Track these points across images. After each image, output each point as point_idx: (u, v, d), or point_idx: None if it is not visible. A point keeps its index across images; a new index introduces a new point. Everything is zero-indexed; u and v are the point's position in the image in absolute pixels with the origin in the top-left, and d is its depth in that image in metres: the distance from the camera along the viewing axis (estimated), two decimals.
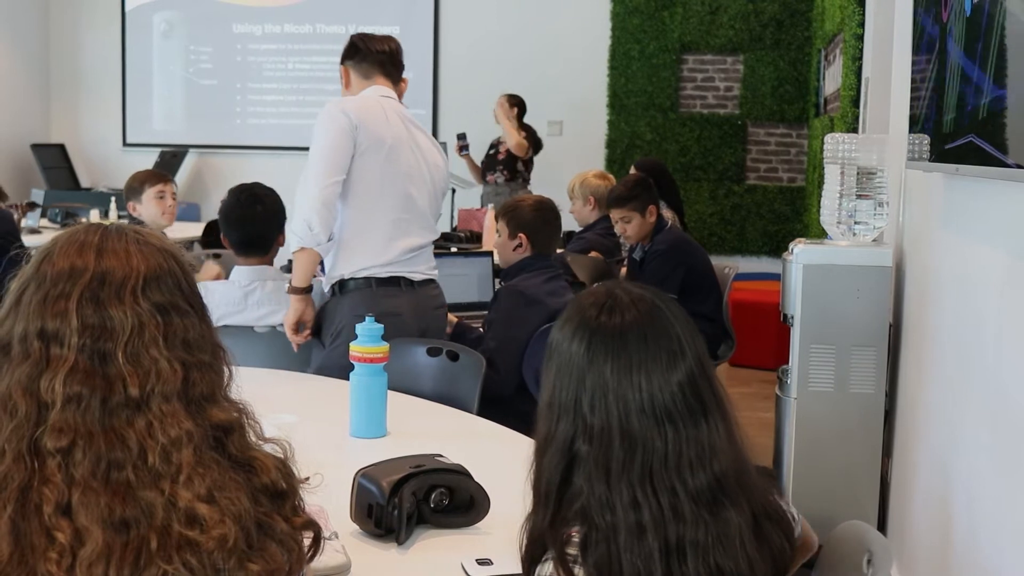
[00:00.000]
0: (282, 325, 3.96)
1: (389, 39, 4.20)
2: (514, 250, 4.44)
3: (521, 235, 4.41)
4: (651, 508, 1.61)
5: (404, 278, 3.97)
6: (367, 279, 3.92)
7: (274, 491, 1.49)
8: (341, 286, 3.94)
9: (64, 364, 1.42)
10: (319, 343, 3.95)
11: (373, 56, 4.11)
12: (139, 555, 1.37)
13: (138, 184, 5.44)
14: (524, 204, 4.52)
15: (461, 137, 8.69)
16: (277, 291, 4.06)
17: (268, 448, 1.53)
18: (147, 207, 5.39)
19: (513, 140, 8.41)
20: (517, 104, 8.73)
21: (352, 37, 4.18)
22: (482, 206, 8.03)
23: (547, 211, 4.53)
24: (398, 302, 3.92)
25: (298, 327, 3.90)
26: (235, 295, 4.05)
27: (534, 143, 8.66)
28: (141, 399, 1.43)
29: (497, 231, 4.48)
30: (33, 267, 1.49)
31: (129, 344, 1.45)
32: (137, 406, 1.43)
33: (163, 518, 1.39)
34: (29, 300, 1.46)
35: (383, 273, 3.93)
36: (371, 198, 3.91)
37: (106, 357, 1.44)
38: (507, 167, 8.61)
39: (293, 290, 3.88)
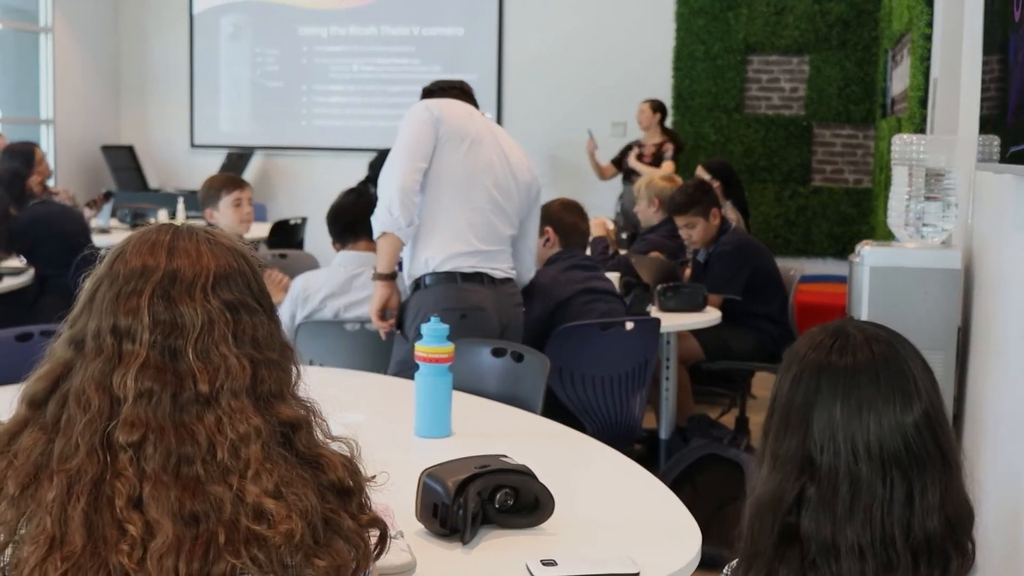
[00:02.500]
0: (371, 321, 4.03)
1: (460, 81, 4.36)
2: (544, 245, 4.64)
3: (547, 228, 4.63)
4: (875, 556, 1.54)
5: (487, 274, 4.00)
6: (452, 273, 3.95)
7: (340, 488, 1.50)
8: (425, 280, 3.97)
9: (136, 360, 1.45)
10: (402, 336, 3.97)
11: (446, 92, 4.22)
12: (208, 548, 1.39)
13: (214, 191, 5.31)
14: (551, 204, 4.78)
15: (589, 133, 8.97)
16: None
17: (335, 446, 1.55)
18: (224, 215, 5.25)
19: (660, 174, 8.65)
20: (659, 110, 8.86)
21: (424, 89, 4.30)
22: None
23: (570, 204, 4.85)
24: (482, 297, 3.95)
25: (383, 314, 3.96)
26: (340, 278, 4.21)
27: (678, 146, 8.81)
28: (211, 395, 1.46)
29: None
30: (106, 266, 1.52)
31: (199, 341, 1.47)
32: (207, 402, 1.46)
33: (231, 512, 1.41)
34: (102, 298, 1.49)
35: (467, 268, 3.96)
36: (455, 191, 3.96)
37: (177, 353, 1.46)
38: (657, 166, 8.73)
39: (377, 276, 3.95)
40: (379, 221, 3.91)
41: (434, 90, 4.22)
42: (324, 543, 1.45)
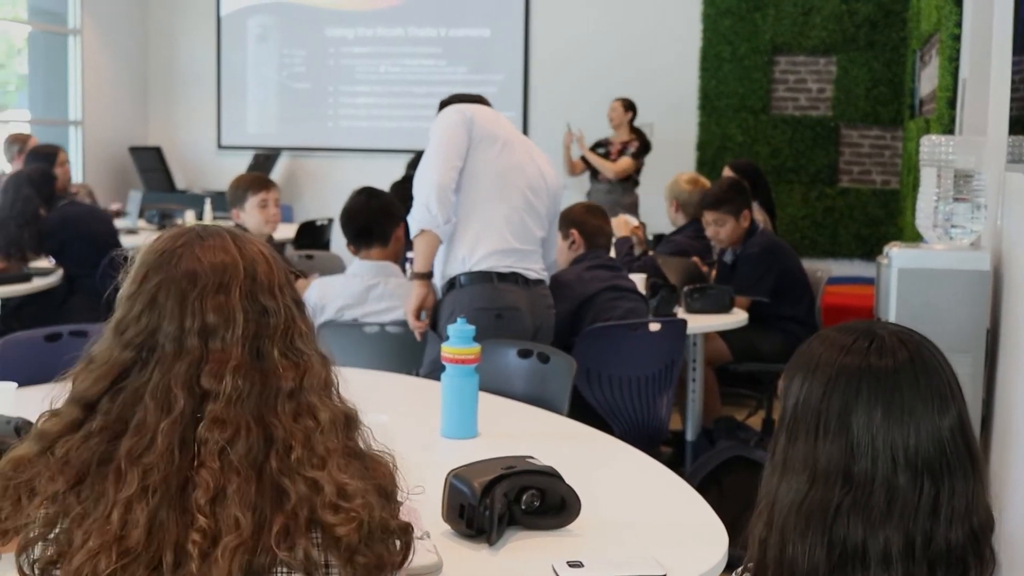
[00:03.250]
0: (391, 324, 4.03)
1: (478, 95, 4.38)
2: (570, 248, 4.67)
3: (573, 231, 4.65)
4: (902, 564, 1.51)
5: (522, 275, 4.01)
6: (488, 273, 3.96)
7: (385, 491, 1.53)
8: (460, 279, 3.98)
9: (227, 358, 1.48)
10: (436, 336, 3.98)
11: (464, 99, 4.24)
12: (271, 540, 1.41)
13: (241, 191, 5.26)
14: (574, 207, 4.82)
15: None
16: (400, 288, 4.16)
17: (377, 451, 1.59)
18: (250, 215, 5.20)
19: (614, 168, 8.59)
20: (631, 108, 8.86)
21: (441, 102, 4.31)
22: None
23: (593, 207, 4.89)
24: (517, 297, 3.97)
25: (419, 314, 3.97)
26: (356, 288, 4.18)
27: (644, 144, 8.79)
28: (293, 391, 1.50)
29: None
30: (165, 267, 1.52)
31: (282, 338, 1.52)
32: (289, 397, 1.49)
33: (300, 504, 1.44)
34: (178, 298, 1.50)
35: (503, 268, 3.97)
36: (490, 190, 3.98)
37: (262, 351, 1.50)
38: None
39: (415, 275, 3.97)
40: (416, 219, 3.92)
41: (453, 103, 4.23)
42: (368, 541, 1.47)
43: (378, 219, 4.32)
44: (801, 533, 1.54)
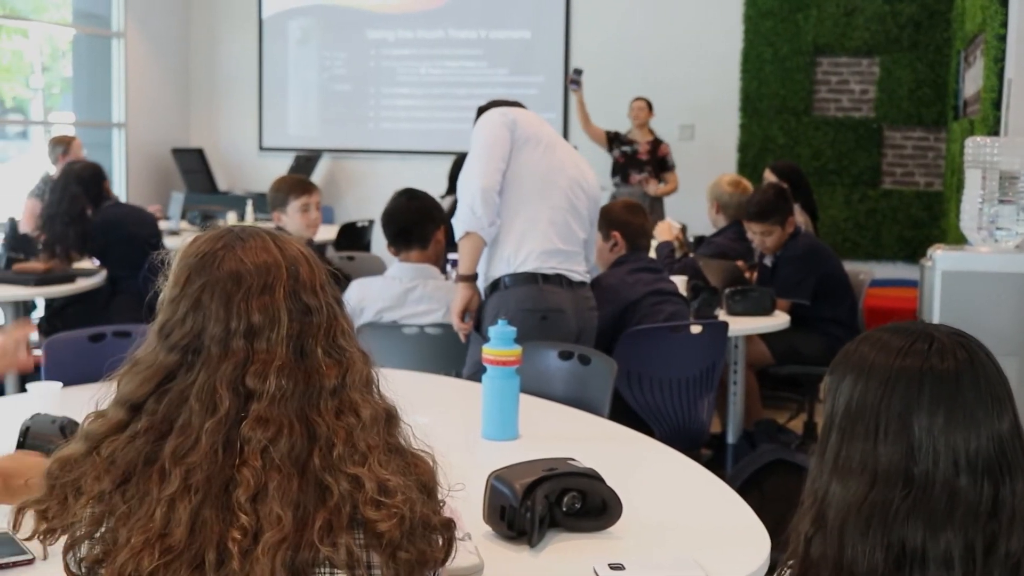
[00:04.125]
0: (431, 326, 4.03)
1: (515, 100, 4.35)
2: (611, 250, 4.64)
3: (614, 233, 4.62)
4: (962, 566, 1.49)
5: (566, 277, 4.00)
6: (533, 274, 3.96)
7: (427, 488, 1.53)
8: (505, 280, 3.98)
9: (272, 358, 1.49)
10: (479, 337, 3.98)
11: (502, 105, 4.22)
12: (313, 535, 1.42)
13: (282, 195, 5.19)
14: (615, 206, 4.80)
15: (577, 72, 8.97)
16: (438, 290, 4.16)
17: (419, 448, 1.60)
18: (292, 219, 5.13)
19: (667, 190, 8.68)
20: (651, 109, 8.87)
21: (479, 108, 4.30)
22: None
23: (635, 207, 4.83)
24: (561, 299, 3.97)
25: (463, 315, 3.97)
26: (395, 291, 4.18)
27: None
28: (335, 388, 1.51)
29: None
30: (205, 267, 1.53)
31: (325, 336, 1.52)
32: (332, 395, 1.50)
33: (342, 501, 1.44)
34: (223, 299, 1.51)
35: (548, 269, 3.97)
36: (534, 191, 3.98)
37: (305, 349, 1.51)
38: (654, 165, 8.71)
39: (460, 277, 3.97)
40: (461, 221, 3.92)
41: (490, 108, 4.22)
42: (411, 537, 1.48)
43: (418, 221, 4.32)
44: (861, 534, 1.53)
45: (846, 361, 1.61)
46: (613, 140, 8.95)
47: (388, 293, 4.20)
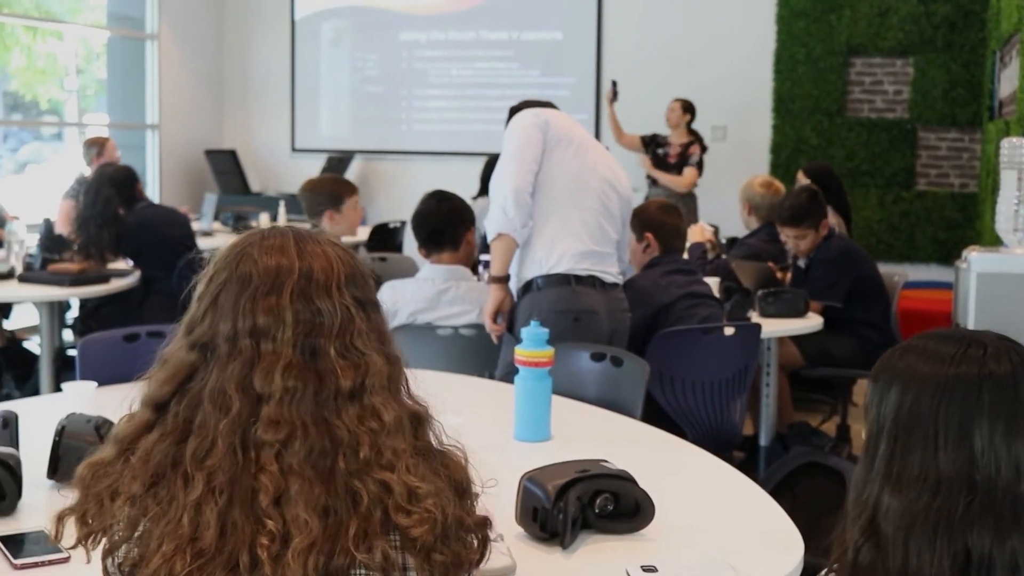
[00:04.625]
0: (465, 327, 4.03)
1: (548, 101, 4.34)
2: (644, 251, 4.61)
3: (647, 234, 4.59)
4: None
5: (599, 278, 4.00)
6: (566, 275, 3.95)
7: (460, 487, 1.52)
8: (538, 281, 3.97)
9: (278, 359, 1.47)
10: (512, 338, 3.98)
11: (534, 106, 4.22)
12: (346, 543, 1.41)
13: (336, 194, 5.09)
14: (649, 206, 4.74)
15: (614, 84, 8.93)
16: (471, 291, 4.16)
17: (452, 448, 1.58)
18: (346, 217, 5.05)
19: (683, 182, 8.56)
20: (689, 111, 8.80)
21: (511, 108, 4.31)
22: None
23: (670, 208, 4.77)
24: (594, 300, 3.96)
25: (496, 317, 3.97)
26: (428, 292, 4.18)
27: (703, 148, 8.75)
28: (352, 390, 1.49)
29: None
30: (229, 269, 1.53)
31: (339, 338, 1.50)
32: (349, 397, 1.49)
33: (371, 506, 1.43)
34: (233, 300, 1.50)
35: (580, 271, 3.97)
36: (567, 192, 3.98)
37: (317, 351, 1.49)
38: (681, 168, 8.68)
39: (492, 279, 3.97)
40: (493, 223, 3.92)
41: (523, 109, 4.22)
42: (443, 538, 1.47)
43: (448, 223, 4.32)
44: (928, 542, 1.52)
45: (890, 370, 1.60)
46: (649, 143, 8.91)
47: (421, 295, 4.20)
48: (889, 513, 1.55)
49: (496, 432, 2.92)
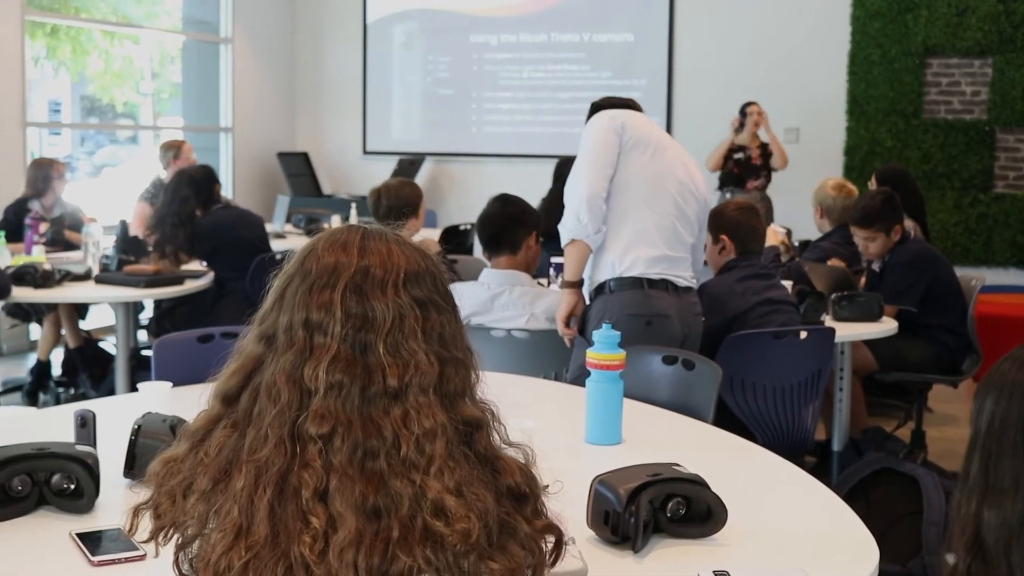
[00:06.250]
0: (519, 330, 4.03)
1: (629, 99, 4.30)
2: (720, 253, 4.57)
3: (723, 236, 4.54)
4: None
5: (672, 282, 3.97)
6: (638, 279, 3.94)
7: (516, 493, 1.50)
8: (610, 284, 3.96)
9: (327, 353, 1.47)
10: (584, 341, 3.97)
11: (615, 103, 4.19)
12: (387, 545, 1.40)
13: (417, 198, 5.41)
14: (727, 207, 4.69)
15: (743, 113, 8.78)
16: (524, 296, 4.16)
17: (511, 452, 1.55)
18: (420, 220, 5.33)
19: (781, 155, 8.50)
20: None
21: (593, 104, 4.28)
22: None
23: (747, 210, 4.68)
24: (667, 304, 3.94)
25: (568, 321, 3.97)
26: (483, 296, 4.19)
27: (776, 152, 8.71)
28: (399, 389, 1.47)
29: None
30: (297, 264, 1.54)
31: (390, 335, 1.49)
32: (395, 396, 1.47)
33: (410, 509, 1.41)
34: (293, 293, 1.51)
35: (654, 275, 3.95)
36: (642, 196, 3.96)
37: (367, 347, 1.48)
38: (767, 172, 8.64)
39: (565, 284, 3.98)
40: (567, 229, 3.92)
41: (604, 105, 4.20)
42: (499, 545, 1.45)
43: (507, 226, 4.32)
44: None
45: (987, 381, 1.59)
46: (728, 158, 8.83)
47: (477, 299, 4.21)
48: (989, 526, 1.53)
49: (567, 435, 2.91)
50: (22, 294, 5.55)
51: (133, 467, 2.39)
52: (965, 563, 1.55)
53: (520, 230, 4.34)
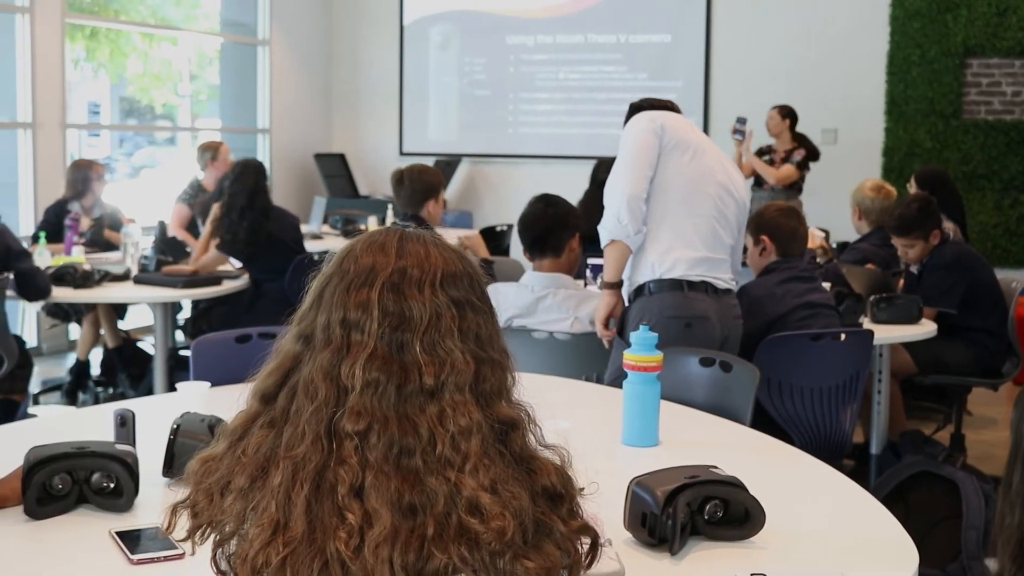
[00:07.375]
0: (561, 332, 4.03)
1: (668, 100, 4.27)
2: (760, 255, 4.54)
3: (763, 237, 4.52)
4: None
5: (711, 284, 3.96)
6: (678, 281, 3.93)
7: (552, 493, 1.50)
8: (649, 286, 3.95)
9: (364, 350, 1.48)
10: (623, 342, 3.95)
11: (654, 104, 4.17)
12: (422, 542, 1.40)
13: (439, 182, 5.67)
14: (767, 209, 4.66)
15: (741, 121, 8.54)
16: (568, 299, 4.15)
17: (547, 453, 1.55)
18: (440, 206, 5.62)
19: (776, 175, 8.39)
20: (789, 115, 8.63)
21: (631, 105, 4.25)
22: None
23: (788, 211, 4.65)
24: (706, 306, 3.93)
25: (607, 322, 3.97)
26: (526, 299, 4.18)
27: (810, 152, 8.57)
28: (435, 388, 1.48)
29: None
30: (335, 264, 1.56)
31: (426, 334, 1.49)
32: (431, 394, 1.48)
33: (445, 507, 1.42)
34: (332, 293, 1.52)
35: (693, 277, 3.93)
36: (681, 197, 3.95)
37: (404, 346, 1.49)
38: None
39: (604, 285, 3.97)
40: (607, 230, 3.91)
41: (643, 106, 4.18)
42: (534, 544, 1.45)
43: (552, 228, 4.30)
44: None
45: None
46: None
47: (520, 301, 4.20)
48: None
49: (604, 437, 2.91)
50: (62, 294, 5.60)
51: (172, 466, 2.41)
52: (1011, 574, 1.53)
53: (564, 232, 4.32)
